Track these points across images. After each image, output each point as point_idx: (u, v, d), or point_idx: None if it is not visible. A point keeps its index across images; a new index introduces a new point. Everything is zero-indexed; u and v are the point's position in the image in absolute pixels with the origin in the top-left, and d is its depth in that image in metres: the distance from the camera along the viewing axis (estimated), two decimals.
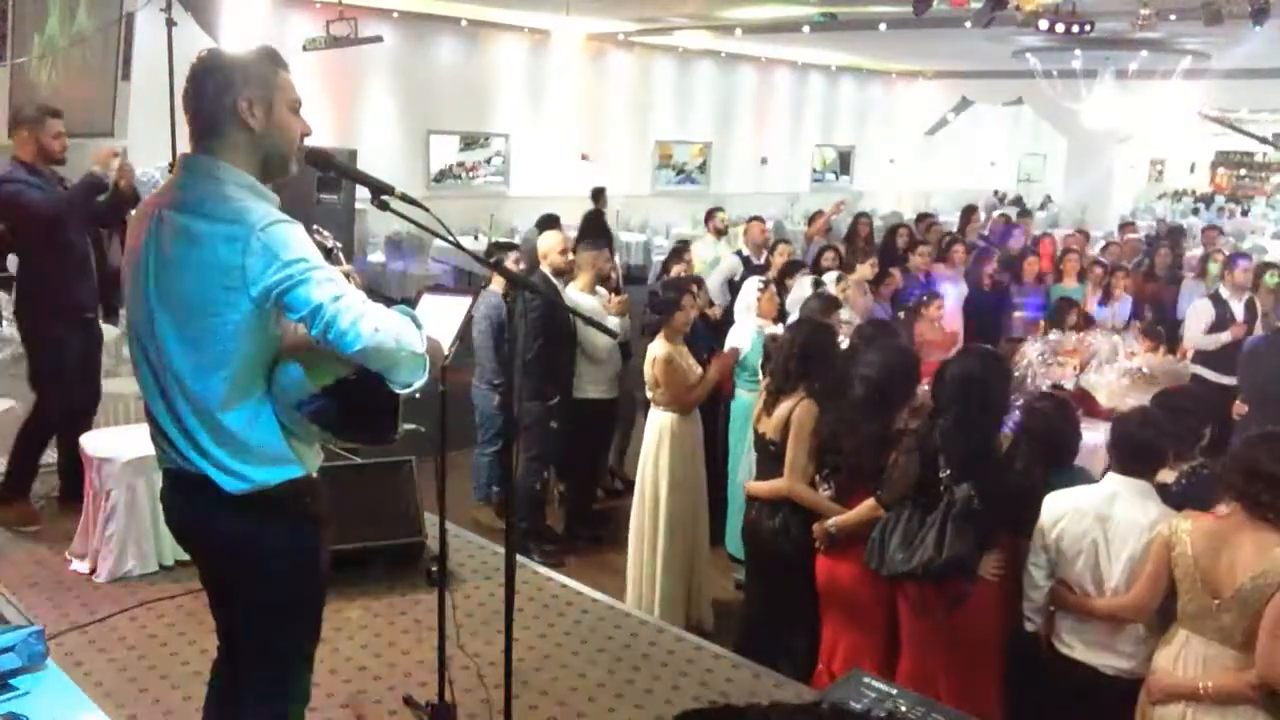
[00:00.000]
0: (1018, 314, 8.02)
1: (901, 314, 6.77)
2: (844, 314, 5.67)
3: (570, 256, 5.77)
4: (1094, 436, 5.42)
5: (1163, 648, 3.05)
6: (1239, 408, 5.72)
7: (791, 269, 6.63)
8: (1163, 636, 3.08)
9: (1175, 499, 3.32)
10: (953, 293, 7.54)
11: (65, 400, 4.92)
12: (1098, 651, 3.28)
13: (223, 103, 2.23)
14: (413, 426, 2.44)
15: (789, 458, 4.05)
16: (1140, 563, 3.13)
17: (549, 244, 5.75)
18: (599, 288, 5.98)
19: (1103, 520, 3.22)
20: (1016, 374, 5.65)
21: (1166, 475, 3.51)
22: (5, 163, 4.73)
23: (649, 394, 5.09)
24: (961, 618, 3.48)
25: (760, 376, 5.01)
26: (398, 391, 2.24)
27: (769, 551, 4.14)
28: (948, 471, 3.50)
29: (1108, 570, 3.22)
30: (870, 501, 3.74)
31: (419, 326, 2.24)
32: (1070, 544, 3.28)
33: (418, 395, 2.27)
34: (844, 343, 4.81)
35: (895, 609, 3.73)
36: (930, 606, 3.54)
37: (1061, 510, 3.32)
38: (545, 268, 5.65)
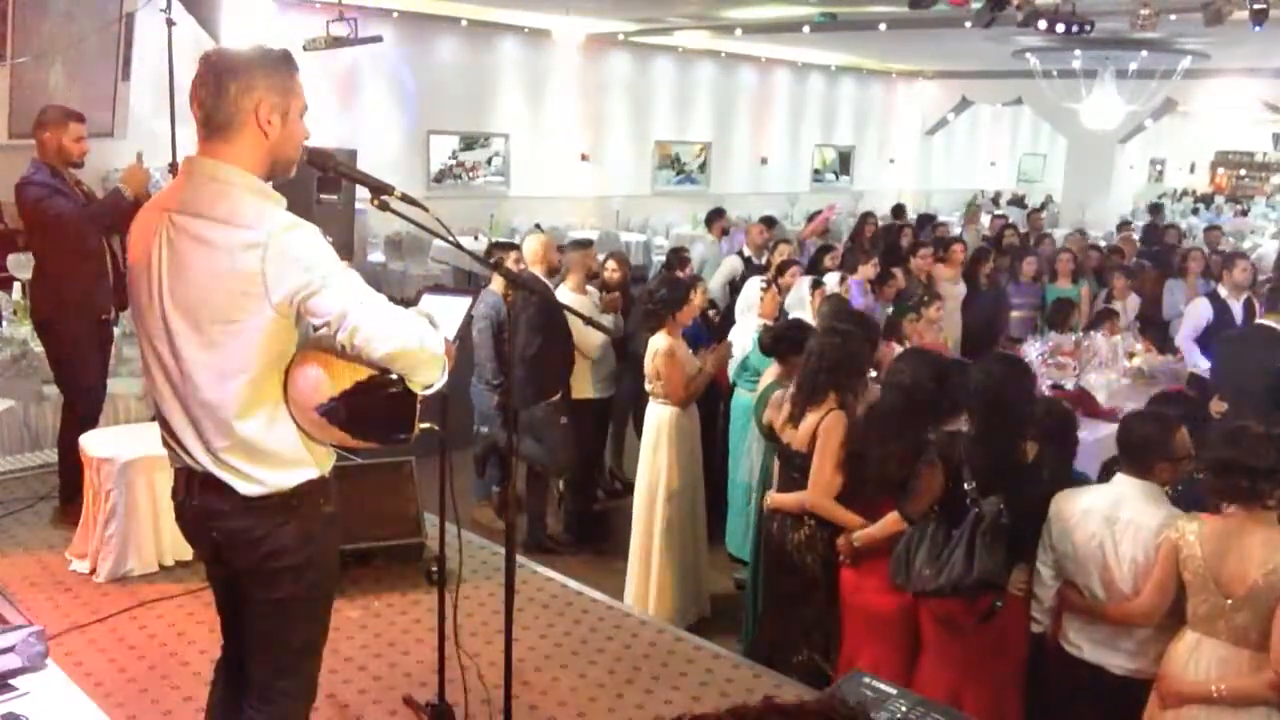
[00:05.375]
0: (1015, 313, 8.04)
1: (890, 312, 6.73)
2: None
3: (558, 257, 5.79)
4: (1090, 435, 5.43)
5: (1172, 651, 2.98)
6: (1216, 405, 5.44)
7: (784, 267, 6.63)
8: (1171, 638, 3.01)
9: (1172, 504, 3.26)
10: (953, 293, 7.55)
11: (92, 396, 4.97)
12: (1104, 651, 3.22)
13: (242, 107, 2.21)
14: (427, 425, 2.45)
15: (814, 470, 3.90)
16: (1147, 566, 3.06)
17: (537, 245, 5.73)
18: (589, 286, 6.02)
19: (1110, 523, 3.15)
20: None
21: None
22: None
23: (648, 386, 5.10)
24: (988, 632, 3.39)
25: (760, 377, 5.01)
26: (417, 392, 2.25)
27: (790, 565, 4.01)
28: (973, 484, 3.39)
29: (1117, 573, 3.14)
30: (894, 515, 3.63)
31: (435, 328, 2.25)
32: (1078, 546, 3.22)
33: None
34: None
35: (917, 623, 3.63)
36: (958, 622, 3.44)
37: (1069, 511, 3.26)
38: (538, 268, 5.64)
